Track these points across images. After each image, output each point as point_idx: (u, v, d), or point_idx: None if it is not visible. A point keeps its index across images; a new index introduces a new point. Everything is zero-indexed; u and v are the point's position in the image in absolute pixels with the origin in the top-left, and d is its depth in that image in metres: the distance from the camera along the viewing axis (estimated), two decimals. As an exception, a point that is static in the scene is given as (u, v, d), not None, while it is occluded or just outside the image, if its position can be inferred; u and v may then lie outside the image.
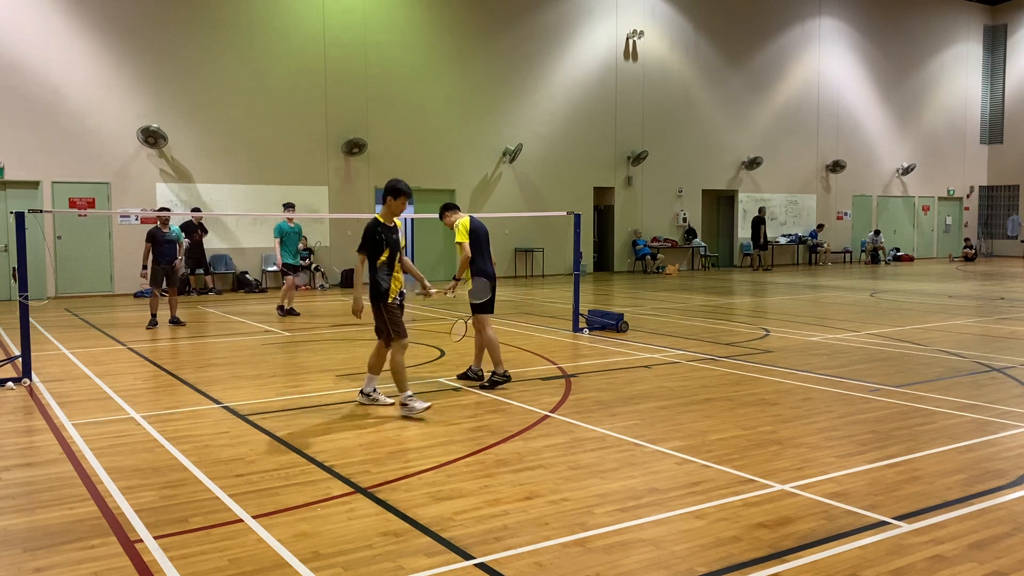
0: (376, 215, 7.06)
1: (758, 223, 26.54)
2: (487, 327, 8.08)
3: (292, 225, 14.16)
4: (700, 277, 23.47)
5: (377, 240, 6.91)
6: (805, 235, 28.61)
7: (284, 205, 15.21)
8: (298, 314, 14.32)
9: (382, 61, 20.87)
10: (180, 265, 12.89)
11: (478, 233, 8.07)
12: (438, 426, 6.58)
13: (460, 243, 8.00)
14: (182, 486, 5.10)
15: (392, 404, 7.13)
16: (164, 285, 12.72)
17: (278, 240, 14.01)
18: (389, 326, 7.00)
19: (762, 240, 26.53)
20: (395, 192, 7.03)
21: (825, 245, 28.59)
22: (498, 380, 7.97)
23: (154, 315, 12.67)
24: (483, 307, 8.08)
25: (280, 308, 14.28)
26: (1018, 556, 4.02)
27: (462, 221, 8.05)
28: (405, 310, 7.51)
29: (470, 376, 8.31)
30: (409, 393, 6.83)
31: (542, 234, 23.41)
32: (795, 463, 5.52)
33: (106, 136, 17.90)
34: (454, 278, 8.26)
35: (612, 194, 25.00)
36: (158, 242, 12.55)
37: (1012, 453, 5.75)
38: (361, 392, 7.38)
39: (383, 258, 6.97)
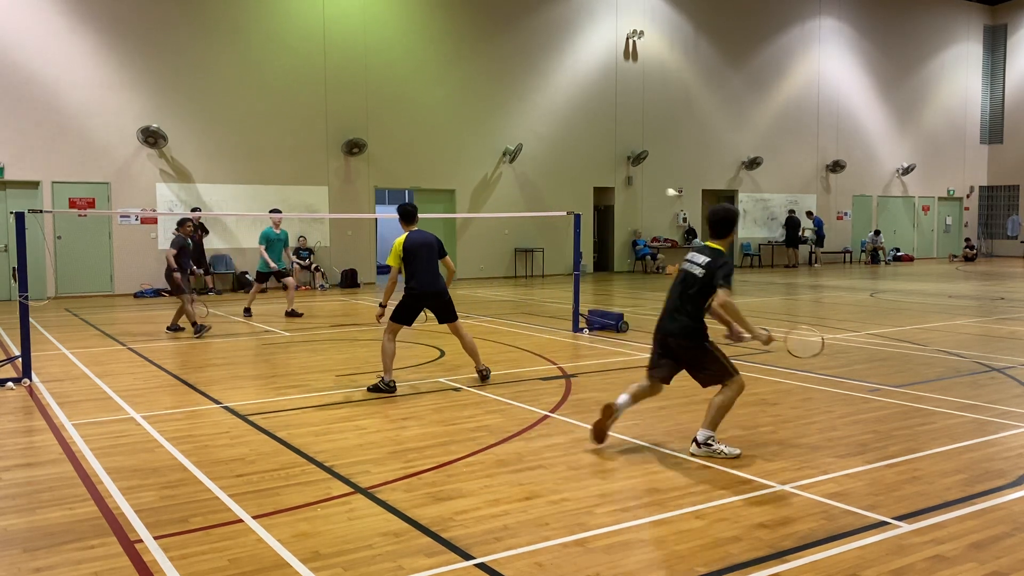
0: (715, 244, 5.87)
1: (797, 223, 27.25)
2: (385, 334, 7.88)
3: (278, 232, 14.06)
4: (700, 277, 23.41)
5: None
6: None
7: (271, 210, 14.91)
8: (247, 314, 14.16)
9: (382, 61, 20.87)
10: (178, 277, 12.43)
11: (412, 249, 7.88)
12: (438, 426, 6.58)
13: (390, 264, 8.00)
14: (182, 486, 5.10)
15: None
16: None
17: (263, 247, 13.95)
18: (725, 364, 5.74)
19: (802, 237, 27.51)
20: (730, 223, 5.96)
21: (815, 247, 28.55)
22: (382, 387, 7.71)
23: (194, 322, 12.04)
24: (394, 315, 7.94)
25: (247, 310, 14.20)
26: (1018, 556, 4.02)
27: (396, 243, 7.91)
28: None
29: (483, 378, 8.22)
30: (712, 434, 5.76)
31: (542, 234, 23.40)
32: (795, 463, 5.52)
33: (106, 136, 17.90)
34: (380, 304, 8.06)
35: (612, 194, 25.00)
36: (184, 252, 12.18)
37: (1012, 453, 5.75)
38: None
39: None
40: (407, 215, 8.15)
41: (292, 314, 14.00)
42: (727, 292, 5.52)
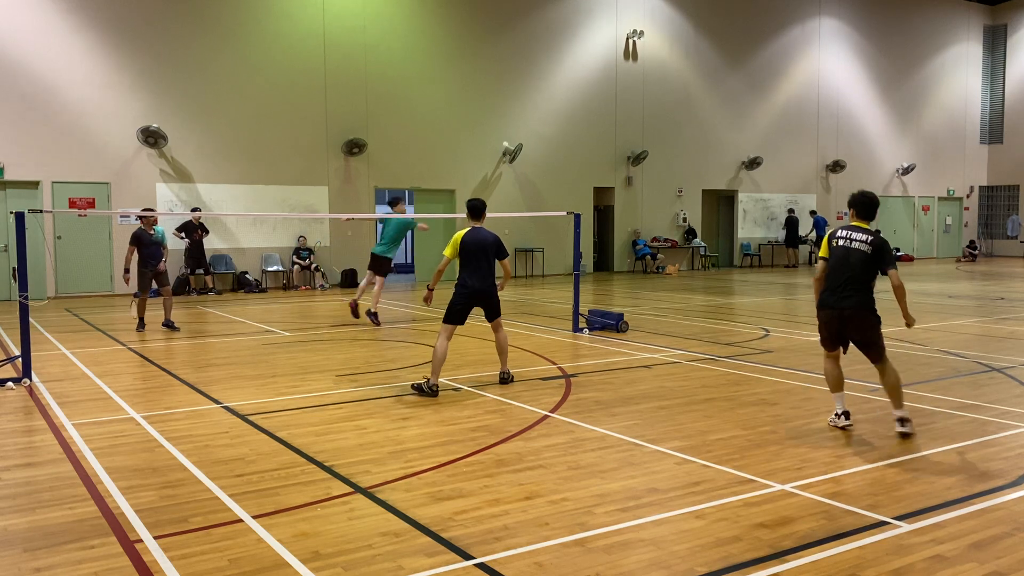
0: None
1: (796, 223, 27.13)
2: (440, 335, 7.83)
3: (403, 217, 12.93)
4: (700, 277, 23.47)
5: None
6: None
7: (393, 200, 13.33)
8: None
9: (382, 61, 20.87)
10: (163, 266, 12.39)
11: (467, 247, 7.94)
12: (438, 426, 6.58)
13: (444, 254, 8.04)
14: (182, 486, 5.10)
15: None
16: (153, 287, 12.57)
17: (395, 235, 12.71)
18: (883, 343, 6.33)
19: (801, 238, 27.40)
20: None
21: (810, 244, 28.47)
22: (425, 389, 7.61)
23: (141, 318, 12.42)
24: (447, 316, 7.92)
25: (372, 314, 12.55)
26: (1018, 556, 4.02)
27: (455, 236, 7.98)
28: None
29: (504, 380, 8.21)
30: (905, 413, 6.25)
31: (542, 234, 23.41)
32: (795, 463, 5.52)
33: (106, 136, 17.90)
34: (428, 287, 8.17)
35: (612, 194, 25.00)
36: (144, 244, 12.14)
37: (1012, 453, 5.75)
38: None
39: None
40: (473, 210, 8.16)
41: (372, 316, 12.59)
42: (898, 274, 6.12)
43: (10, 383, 8.16)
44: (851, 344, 6.43)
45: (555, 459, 5.62)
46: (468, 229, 8.05)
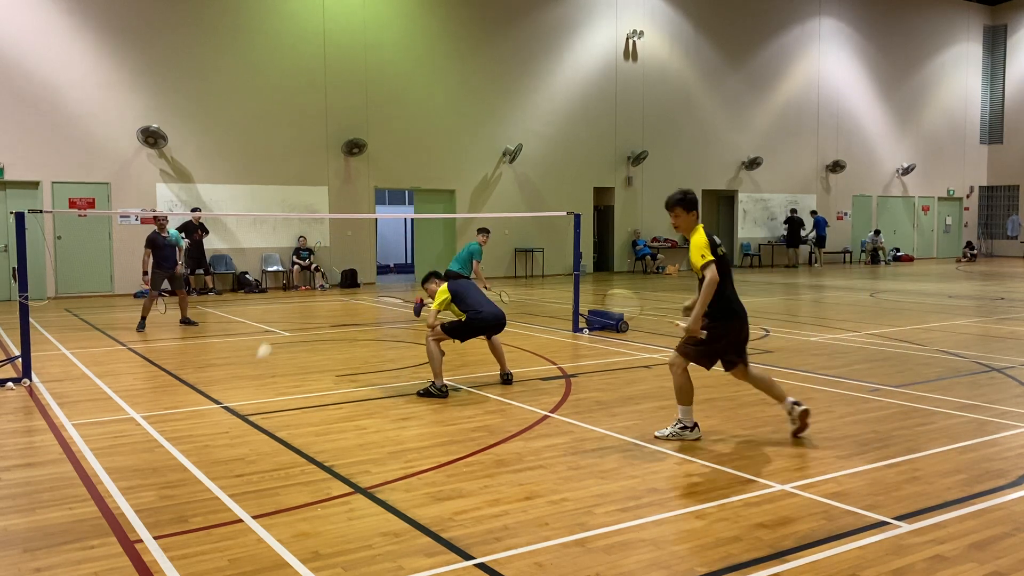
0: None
1: (799, 223, 27.05)
2: (429, 341, 7.73)
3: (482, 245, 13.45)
4: (700, 277, 23.43)
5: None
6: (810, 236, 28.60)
7: (479, 230, 14.05)
8: None
9: (382, 61, 20.87)
10: (181, 268, 12.80)
11: (459, 292, 7.95)
12: (438, 426, 6.58)
13: (433, 308, 8.04)
14: (182, 486, 5.10)
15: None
16: (165, 287, 12.71)
17: (478, 262, 13.28)
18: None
19: (802, 238, 27.42)
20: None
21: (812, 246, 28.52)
22: (433, 392, 7.57)
23: (143, 318, 12.47)
24: (453, 331, 7.86)
25: None
26: (1018, 556, 4.02)
27: (439, 293, 7.94)
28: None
29: (505, 381, 8.23)
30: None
31: (542, 234, 23.41)
32: (795, 463, 5.52)
33: (106, 136, 17.90)
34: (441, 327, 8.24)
35: (612, 194, 25.00)
36: (159, 247, 12.42)
37: (1012, 453, 5.75)
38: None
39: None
40: (439, 276, 8.33)
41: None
42: None
43: (10, 383, 8.16)
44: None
45: (555, 459, 5.62)
46: (446, 283, 8.06)
